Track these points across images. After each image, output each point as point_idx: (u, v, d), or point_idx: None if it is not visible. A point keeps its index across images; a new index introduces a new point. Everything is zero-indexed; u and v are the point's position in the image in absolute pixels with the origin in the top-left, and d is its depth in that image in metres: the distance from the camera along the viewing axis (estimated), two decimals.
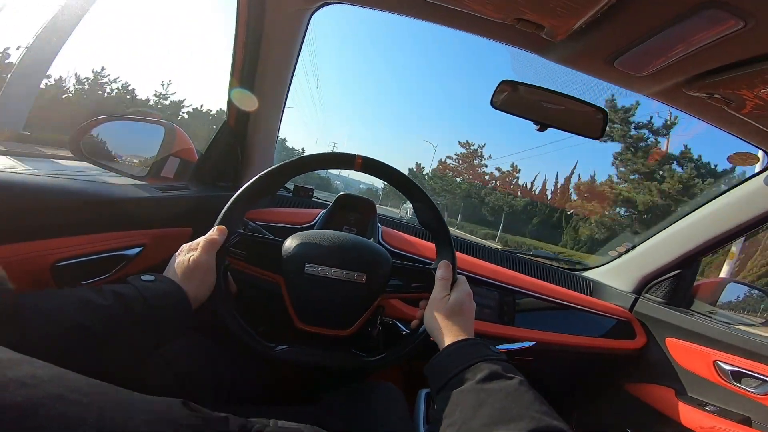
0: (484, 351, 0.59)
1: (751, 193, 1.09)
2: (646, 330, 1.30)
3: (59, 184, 0.71)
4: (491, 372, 0.54)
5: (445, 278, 0.72)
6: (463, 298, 0.70)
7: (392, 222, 1.34)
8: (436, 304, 0.69)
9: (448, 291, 0.71)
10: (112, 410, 0.27)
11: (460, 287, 0.72)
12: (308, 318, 0.74)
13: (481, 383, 0.53)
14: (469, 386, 0.54)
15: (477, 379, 0.54)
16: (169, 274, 0.64)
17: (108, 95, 19.46)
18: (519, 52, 0.85)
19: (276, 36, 0.99)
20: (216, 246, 0.68)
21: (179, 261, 0.66)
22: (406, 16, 0.86)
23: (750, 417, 1.04)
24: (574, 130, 0.98)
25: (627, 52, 0.71)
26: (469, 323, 0.68)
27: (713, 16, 0.58)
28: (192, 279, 0.64)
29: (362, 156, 0.76)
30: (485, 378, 0.53)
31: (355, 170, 0.77)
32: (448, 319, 0.67)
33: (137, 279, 0.59)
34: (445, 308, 0.68)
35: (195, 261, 0.65)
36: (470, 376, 0.55)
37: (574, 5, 0.62)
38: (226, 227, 0.70)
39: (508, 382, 0.53)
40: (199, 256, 0.65)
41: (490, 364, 0.56)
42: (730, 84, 0.72)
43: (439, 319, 0.67)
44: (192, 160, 1.07)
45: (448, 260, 0.75)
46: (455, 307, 0.68)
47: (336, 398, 0.83)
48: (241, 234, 0.73)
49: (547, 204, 23.98)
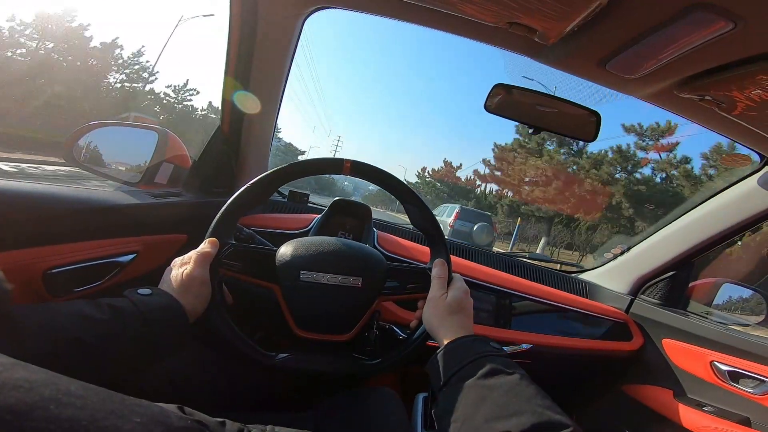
0: (484, 347, 0.60)
1: (743, 194, 1.10)
2: (643, 331, 1.30)
3: (51, 191, 0.70)
4: (492, 368, 0.54)
5: (441, 277, 0.73)
6: (460, 296, 0.70)
7: (388, 226, 1.34)
8: (434, 303, 0.69)
9: (446, 289, 0.71)
10: (106, 413, 0.27)
11: (457, 285, 0.72)
12: (307, 325, 0.73)
13: (483, 379, 0.53)
14: (470, 382, 0.54)
15: (478, 375, 0.54)
16: (164, 288, 0.64)
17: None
18: (512, 56, 0.86)
19: (269, 41, 0.99)
20: (209, 259, 0.67)
21: (173, 275, 0.65)
22: (399, 20, 0.87)
23: (749, 417, 1.04)
24: (568, 133, 0.99)
25: (618, 55, 0.72)
26: (468, 320, 0.69)
27: (702, 18, 0.58)
28: (187, 293, 0.63)
29: (351, 160, 0.76)
30: (486, 374, 0.54)
31: (344, 174, 0.77)
32: (447, 316, 0.67)
33: (133, 293, 0.58)
34: (443, 306, 0.68)
35: (188, 275, 0.64)
36: (471, 373, 0.55)
37: (566, 8, 0.62)
38: (218, 239, 0.69)
39: (510, 377, 0.54)
40: (193, 269, 0.65)
41: (490, 360, 0.56)
42: (720, 86, 0.73)
43: (438, 317, 0.67)
44: (185, 166, 1.06)
45: (443, 259, 0.75)
46: (453, 304, 0.68)
47: (334, 403, 0.82)
48: (233, 245, 0.72)
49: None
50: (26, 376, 0.26)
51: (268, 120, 1.17)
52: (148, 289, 0.60)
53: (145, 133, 1.00)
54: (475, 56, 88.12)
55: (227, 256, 0.71)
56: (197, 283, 0.65)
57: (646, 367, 1.28)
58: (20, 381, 0.25)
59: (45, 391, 0.25)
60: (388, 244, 1.13)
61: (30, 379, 0.26)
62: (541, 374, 1.28)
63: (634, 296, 1.36)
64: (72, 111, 16.24)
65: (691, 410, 1.12)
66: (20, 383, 0.25)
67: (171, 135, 1.01)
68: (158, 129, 1.00)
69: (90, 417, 0.26)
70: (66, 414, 0.25)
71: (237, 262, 0.72)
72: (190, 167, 1.08)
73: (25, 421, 0.23)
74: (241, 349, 0.70)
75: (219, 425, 0.37)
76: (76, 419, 0.25)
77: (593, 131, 0.96)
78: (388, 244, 1.13)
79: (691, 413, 1.12)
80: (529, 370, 1.20)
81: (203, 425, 0.34)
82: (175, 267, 0.67)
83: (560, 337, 1.18)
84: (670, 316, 1.23)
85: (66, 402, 0.25)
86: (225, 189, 1.19)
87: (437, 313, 0.68)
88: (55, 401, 0.25)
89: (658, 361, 1.25)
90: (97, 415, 0.26)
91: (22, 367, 0.27)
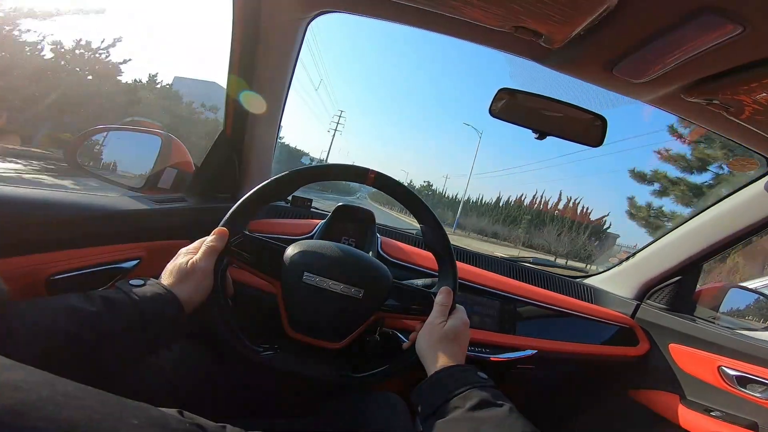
0: (473, 378, 0.59)
1: (751, 198, 1.09)
2: (649, 336, 1.29)
3: (54, 196, 0.70)
4: (481, 399, 0.54)
5: (444, 305, 0.72)
6: (458, 326, 0.69)
7: (391, 232, 1.33)
8: (430, 329, 0.69)
9: (446, 318, 0.71)
10: (104, 414, 0.27)
11: (458, 315, 0.72)
12: (300, 326, 0.73)
13: (472, 411, 0.53)
14: (459, 414, 0.53)
15: (467, 407, 0.53)
16: (164, 277, 0.64)
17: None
18: (517, 60, 0.85)
19: (272, 45, 0.98)
20: (216, 252, 0.67)
21: (177, 263, 0.65)
22: (404, 24, 0.86)
23: (757, 422, 1.03)
24: (573, 138, 0.98)
25: (625, 59, 0.71)
26: (461, 351, 0.68)
27: (711, 22, 0.58)
28: (187, 282, 0.63)
29: (375, 171, 0.77)
30: (476, 406, 0.53)
31: (366, 184, 0.78)
32: (440, 344, 0.66)
33: (125, 283, 0.58)
34: (439, 333, 0.68)
35: (193, 264, 0.65)
36: (460, 404, 0.54)
37: (573, 12, 0.62)
38: (231, 227, 0.70)
39: (499, 409, 0.53)
40: (199, 260, 0.65)
41: (480, 391, 0.56)
42: (728, 89, 0.72)
43: (431, 344, 0.67)
44: (189, 171, 1.06)
45: (450, 287, 0.75)
46: (450, 333, 0.68)
47: (338, 409, 0.82)
48: (244, 235, 0.72)
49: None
50: (25, 377, 0.26)
51: (272, 124, 1.17)
52: (141, 279, 0.59)
53: (149, 138, 1.00)
54: (476, 60, 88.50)
55: (237, 245, 0.71)
56: (200, 273, 0.65)
57: (653, 372, 1.26)
58: (19, 382, 0.25)
59: (43, 392, 0.26)
60: (391, 250, 1.12)
61: (28, 380, 0.26)
62: (546, 380, 1.29)
63: (640, 301, 1.35)
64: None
65: (698, 415, 1.11)
66: (19, 384, 0.25)
67: (174, 140, 1.01)
68: (162, 134, 1.00)
69: (88, 418, 0.26)
70: (64, 415, 0.25)
71: (245, 252, 0.72)
72: (193, 172, 1.08)
73: (23, 422, 0.23)
74: (228, 340, 0.70)
75: (219, 429, 0.37)
76: (73, 420, 0.25)
77: (599, 136, 0.95)
78: (392, 250, 1.13)
79: (698, 418, 1.10)
80: (533, 376, 1.19)
81: (202, 429, 0.33)
82: (180, 256, 0.67)
83: (565, 342, 1.17)
84: (676, 321, 1.22)
85: (64, 403, 0.26)
86: (228, 194, 1.18)
87: (431, 339, 0.67)
88: (53, 402, 0.25)
89: (664, 366, 1.23)
90: (94, 417, 0.26)
91: (20, 368, 0.27)
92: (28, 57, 14.06)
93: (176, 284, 0.62)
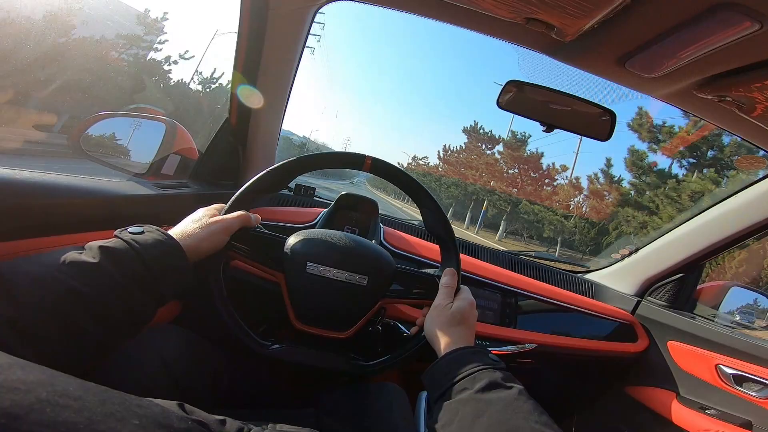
0: (483, 359, 0.59)
1: (756, 198, 1.09)
2: (648, 333, 1.30)
3: (57, 181, 0.69)
4: (490, 381, 0.54)
5: (448, 286, 0.72)
6: (465, 307, 0.69)
7: (394, 222, 1.33)
8: (437, 312, 0.68)
9: (451, 299, 0.70)
10: (104, 415, 0.26)
11: (463, 296, 0.72)
12: (306, 318, 0.73)
13: (480, 393, 0.52)
14: (467, 396, 0.53)
15: (476, 389, 0.53)
16: (178, 225, 0.65)
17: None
18: (527, 52, 0.84)
19: (279, 33, 0.97)
20: (231, 231, 0.68)
21: (197, 217, 0.67)
22: (415, 14, 0.85)
23: (751, 420, 1.04)
24: (581, 132, 0.97)
25: (638, 54, 0.70)
26: (469, 333, 0.67)
27: (728, 18, 0.56)
28: (202, 229, 0.64)
29: (371, 157, 0.76)
30: (484, 387, 0.53)
31: (363, 170, 0.77)
32: (449, 327, 0.66)
33: (124, 231, 0.56)
34: (446, 316, 0.67)
35: (221, 218, 0.67)
36: (469, 385, 0.54)
37: (588, 5, 0.60)
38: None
39: (508, 391, 0.53)
40: (231, 218, 0.68)
41: (489, 373, 0.55)
42: (742, 86, 0.71)
43: (439, 326, 0.66)
44: (193, 158, 1.05)
45: (454, 268, 0.75)
46: (457, 315, 0.67)
47: (337, 400, 0.82)
48: (243, 228, 0.72)
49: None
50: (23, 378, 0.26)
51: (277, 112, 1.16)
52: (139, 227, 0.57)
53: (153, 124, 0.99)
54: (481, 50, 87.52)
55: (236, 239, 0.70)
56: (222, 226, 0.66)
57: (651, 369, 1.27)
58: (16, 383, 0.25)
59: (41, 394, 0.25)
60: (395, 240, 1.12)
61: (26, 380, 0.26)
62: (545, 374, 1.30)
63: (640, 297, 1.35)
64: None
65: (693, 413, 1.12)
66: (16, 385, 0.25)
67: (179, 126, 1.01)
68: (166, 120, 1.00)
69: (87, 420, 0.25)
70: (62, 417, 0.24)
71: (245, 246, 0.71)
72: (197, 159, 1.07)
73: (20, 425, 0.23)
74: (237, 335, 0.70)
75: (219, 424, 0.37)
76: (72, 423, 0.25)
77: (607, 130, 0.94)
78: (395, 240, 1.13)
79: (693, 416, 1.12)
80: (533, 370, 1.20)
81: (204, 425, 0.33)
82: (201, 210, 0.69)
83: (565, 337, 1.18)
84: (676, 318, 1.22)
85: (63, 404, 0.25)
86: (232, 181, 1.18)
87: (439, 321, 0.67)
88: (51, 404, 0.25)
89: (662, 363, 1.24)
90: (94, 418, 0.26)
91: (19, 368, 0.27)
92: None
93: (183, 232, 0.62)
